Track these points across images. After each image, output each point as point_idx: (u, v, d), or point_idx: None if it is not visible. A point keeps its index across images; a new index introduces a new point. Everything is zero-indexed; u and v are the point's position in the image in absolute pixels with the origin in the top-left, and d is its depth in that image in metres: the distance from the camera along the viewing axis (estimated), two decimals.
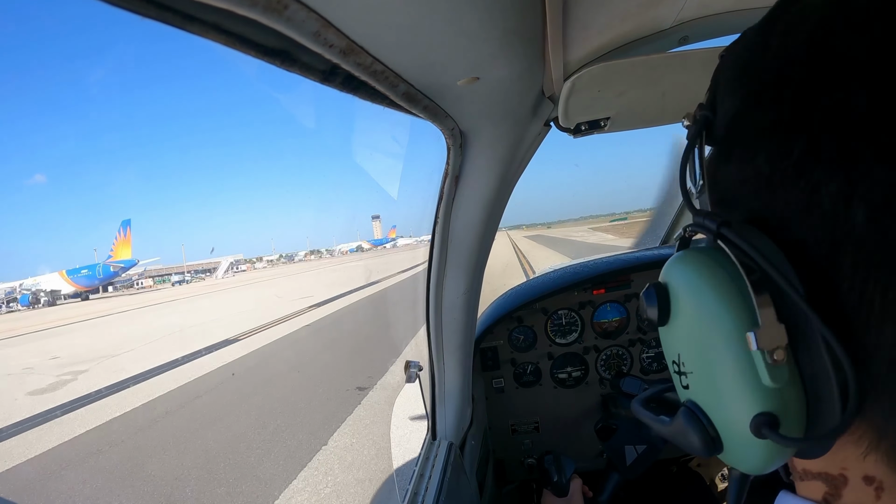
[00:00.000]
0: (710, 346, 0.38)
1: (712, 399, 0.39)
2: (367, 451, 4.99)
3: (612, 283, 1.93)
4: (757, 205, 0.37)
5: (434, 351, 1.38)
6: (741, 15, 0.79)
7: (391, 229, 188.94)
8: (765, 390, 0.34)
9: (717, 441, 0.40)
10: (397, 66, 0.57)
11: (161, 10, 0.32)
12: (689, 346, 0.41)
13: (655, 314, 0.43)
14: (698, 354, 0.40)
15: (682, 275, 0.41)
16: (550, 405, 2.00)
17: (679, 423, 0.42)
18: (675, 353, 0.43)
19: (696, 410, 0.41)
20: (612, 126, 0.96)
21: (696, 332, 0.39)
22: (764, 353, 0.33)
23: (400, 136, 1.04)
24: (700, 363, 0.40)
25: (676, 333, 0.42)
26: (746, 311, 0.35)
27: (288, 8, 0.36)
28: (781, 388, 0.34)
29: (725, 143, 0.41)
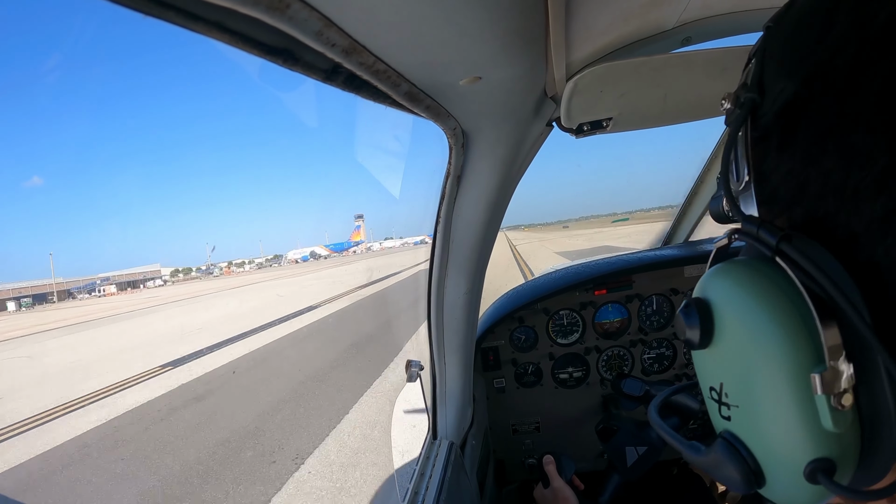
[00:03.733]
0: (763, 381, 0.33)
1: (760, 437, 0.35)
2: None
3: (613, 284, 1.93)
4: (819, 212, 0.32)
5: (435, 350, 1.38)
6: (744, 16, 0.79)
7: (355, 230, 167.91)
8: (825, 435, 0.31)
9: (759, 478, 0.36)
10: (400, 66, 0.57)
11: (164, 8, 0.32)
12: (735, 377, 0.36)
13: (697, 336, 0.37)
14: (746, 388, 0.35)
15: (731, 294, 0.35)
16: (551, 405, 2.00)
17: (716, 456, 0.38)
18: (716, 381, 0.38)
19: (736, 444, 0.37)
20: (615, 126, 0.96)
21: (745, 361, 0.34)
22: (830, 397, 0.29)
23: (402, 136, 1.04)
24: (748, 398, 0.35)
25: (719, 359, 0.37)
26: (811, 345, 0.30)
27: (290, 7, 0.37)
28: (842, 434, 0.30)
29: (779, 133, 0.35)
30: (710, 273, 0.38)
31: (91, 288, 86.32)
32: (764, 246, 0.33)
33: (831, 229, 0.31)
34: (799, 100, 0.33)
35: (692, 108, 0.97)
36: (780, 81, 0.35)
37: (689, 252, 2.00)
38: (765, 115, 0.36)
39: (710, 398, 0.40)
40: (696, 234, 2.32)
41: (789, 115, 0.34)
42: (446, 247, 1.13)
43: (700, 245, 2.15)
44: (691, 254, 1.97)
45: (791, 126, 0.34)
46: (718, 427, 0.39)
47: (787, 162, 0.34)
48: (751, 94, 0.37)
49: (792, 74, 0.34)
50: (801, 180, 0.33)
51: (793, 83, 0.34)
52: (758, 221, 0.34)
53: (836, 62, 0.31)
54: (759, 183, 0.36)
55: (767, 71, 0.37)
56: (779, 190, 0.35)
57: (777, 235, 0.32)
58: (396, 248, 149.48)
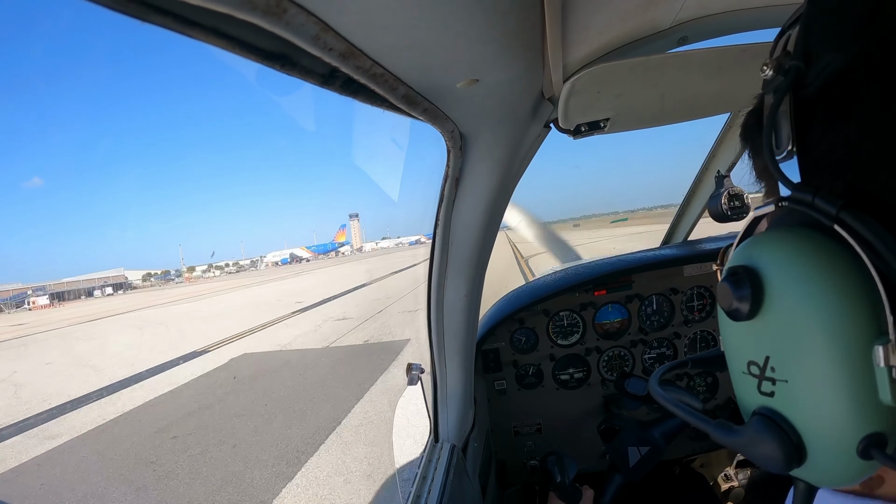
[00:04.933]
0: (820, 354, 0.32)
1: (810, 413, 0.34)
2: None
3: (613, 284, 1.93)
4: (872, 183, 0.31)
5: (436, 353, 1.38)
6: (740, 15, 0.79)
7: (339, 230, 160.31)
8: (882, 409, 0.30)
9: (801, 454, 0.35)
10: (397, 69, 0.57)
11: (161, 14, 0.32)
12: (786, 350, 0.34)
13: (746, 306, 0.35)
14: (799, 361, 0.33)
15: (784, 262, 0.34)
16: (552, 407, 1.99)
17: (753, 434, 0.37)
18: (759, 354, 0.36)
19: (778, 420, 0.35)
20: (612, 127, 0.96)
21: (799, 333, 0.33)
22: (891, 370, 0.29)
23: (400, 139, 1.04)
24: (799, 371, 0.33)
25: (767, 331, 0.35)
26: (874, 317, 0.30)
27: (287, 12, 0.37)
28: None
29: (828, 103, 0.34)
30: (755, 241, 0.37)
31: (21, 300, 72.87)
32: (822, 214, 0.32)
33: (885, 202, 0.30)
34: (852, 71, 0.32)
35: (689, 108, 0.97)
36: (828, 52, 0.34)
37: (688, 251, 2.00)
38: (811, 85, 0.35)
39: (746, 373, 0.38)
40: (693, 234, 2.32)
41: (840, 85, 0.33)
42: (445, 249, 1.13)
43: (699, 244, 2.15)
44: (690, 253, 1.97)
45: (842, 97, 0.33)
46: (752, 404, 0.38)
47: (837, 132, 0.33)
48: (796, 62, 0.35)
49: (842, 46, 0.33)
50: (853, 151, 0.32)
51: (843, 54, 0.33)
52: (812, 189, 0.33)
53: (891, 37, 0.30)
54: (803, 152, 0.35)
55: (812, 41, 0.35)
56: (825, 159, 0.34)
57: (837, 204, 0.31)
58: (391, 248, 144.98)
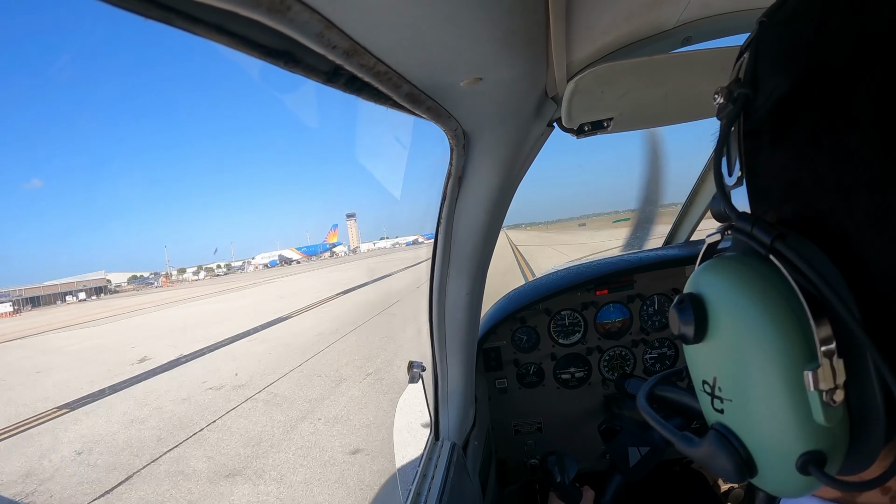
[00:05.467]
0: (756, 376, 0.33)
1: (753, 430, 0.36)
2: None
3: (615, 284, 1.93)
4: (810, 209, 0.32)
5: (437, 351, 1.38)
6: (744, 15, 0.79)
7: (331, 230, 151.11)
8: (816, 429, 0.31)
9: (751, 468, 0.37)
10: (400, 67, 0.57)
11: (164, 11, 0.32)
12: (729, 371, 0.36)
13: (691, 331, 0.37)
14: (740, 382, 0.35)
15: (725, 290, 0.35)
16: (553, 406, 1.99)
17: (709, 447, 0.39)
18: (709, 374, 0.39)
19: (728, 435, 0.37)
20: (616, 126, 0.96)
21: (739, 356, 0.35)
22: (822, 393, 0.30)
23: (403, 137, 1.04)
24: (741, 392, 0.35)
25: (712, 354, 0.37)
26: (804, 343, 0.31)
27: (291, 9, 0.37)
28: (835, 425, 0.31)
29: (771, 130, 0.35)
30: (703, 268, 0.38)
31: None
32: (758, 244, 0.33)
33: (823, 228, 0.31)
34: (793, 96, 0.33)
35: (693, 108, 0.97)
36: (774, 77, 0.35)
37: (690, 252, 2.00)
38: (757, 111, 0.36)
39: (702, 391, 0.41)
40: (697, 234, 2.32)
41: (783, 111, 0.34)
42: (448, 248, 1.13)
43: (701, 245, 2.14)
44: (693, 253, 1.97)
45: (784, 123, 0.34)
46: (710, 419, 0.40)
47: (780, 158, 0.34)
48: (744, 90, 0.36)
49: (786, 70, 0.34)
50: (793, 177, 0.33)
51: (787, 79, 0.34)
52: (752, 219, 0.34)
53: (831, 60, 0.31)
54: (750, 178, 0.37)
55: (761, 66, 0.36)
56: (771, 186, 0.35)
57: (772, 234, 0.32)
58: (387, 248, 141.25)
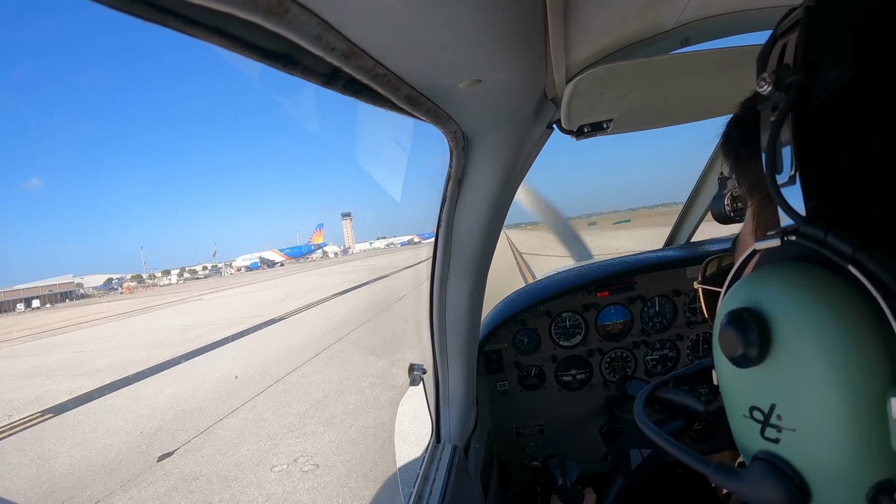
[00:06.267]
0: (831, 403, 0.30)
1: (818, 460, 0.32)
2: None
3: (615, 286, 1.93)
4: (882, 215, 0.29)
5: (438, 354, 1.38)
6: (743, 16, 0.79)
7: (316, 231, 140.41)
8: (892, 456, 0.29)
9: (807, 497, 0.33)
10: (399, 70, 0.57)
11: (163, 14, 0.33)
12: (794, 398, 0.32)
13: (755, 352, 0.32)
14: (810, 409, 0.31)
15: (796, 305, 0.31)
16: (555, 408, 1.99)
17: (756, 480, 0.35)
18: (765, 401, 0.34)
19: (782, 466, 0.33)
20: (615, 128, 0.96)
21: (811, 381, 0.30)
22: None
23: (402, 139, 1.04)
24: (809, 420, 0.31)
25: (772, 378, 0.33)
26: (890, 366, 0.28)
27: (289, 11, 0.37)
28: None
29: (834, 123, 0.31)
30: (761, 279, 0.34)
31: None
32: (834, 253, 0.30)
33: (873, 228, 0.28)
34: (862, 87, 0.30)
35: (692, 109, 0.97)
36: (835, 65, 0.31)
37: (691, 253, 2.00)
38: (813, 101, 0.32)
39: (748, 418, 0.36)
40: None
41: (848, 103, 0.30)
42: (448, 250, 1.13)
43: (702, 246, 2.14)
44: (693, 255, 1.96)
45: (851, 115, 0.30)
46: (753, 447, 0.36)
47: (845, 155, 0.30)
48: (798, 78, 0.32)
49: (852, 59, 0.30)
50: (863, 178, 0.30)
51: (851, 67, 0.30)
52: (825, 225, 0.30)
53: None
54: (806, 176, 0.32)
55: (816, 52, 0.32)
56: (833, 186, 0.31)
57: (853, 244, 0.29)
58: (381, 248, 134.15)
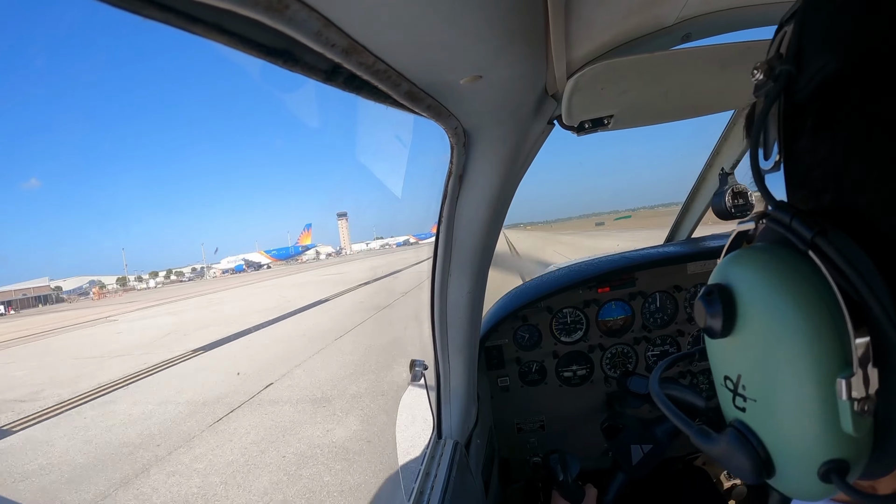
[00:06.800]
0: (786, 378, 0.32)
1: (776, 432, 0.34)
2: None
3: (616, 282, 1.93)
4: (855, 205, 0.30)
5: (439, 350, 1.38)
6: (744, 11, 0.79)
7: (304, 231, 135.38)
8: (843, 437, 0.30)
9: (769, 469, 0.35)
10: (400, 66, 0.57)
11: (162, 10, 0.33)
12: (755, 370, 0.34)
13: (719, 324, 0.35)
14: (766, 382, 0.34)
15: (758, 284, 0.33)
16: (556, 404, 1.99)
17: (727, 445, 0.38)
18: (732, 371, 0.37)
19: (747, 434, 0.36)
20: (616, 124, 0.96)
21: (768, 355, 0.33)
22: (853, 402, 0.29)
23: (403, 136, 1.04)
24: (767, 392, 0.34)
25: (738, 350, 0.36)
26: (841, 348, 0.29)
27: (289, 7, 0.37)
28: (863, 435, 0.30)
29: (817, 112, 0.32)
30: (733, 259, 0.36)
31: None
32: (797, 237, 0.31)
33: (867, 225, 0.29)
34: (842, 78, 0.30)
35: (693, 105, 0.96)
36: (823, 56, 0.32)
37: (691, 249, 2.00)
38: (800, 91, 0.33)
39: (723, 386, 0.39)
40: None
41: (830, 93, 0.31)
42: (449, 246, 1.13)
43: (703, 242, 2.14)
44: (694, 250, 1.96)
45: (831, 106, 0.31)
46: (729, 415, 0.38)
47: (825, 145, 0.31)
48: (787, 67, 0.33)
49: (837, 49, 0.31)
50: (838, 167, 0.31)
51: (837, 59, 0.31)
52: (792, 210, 0.32)
53: (887, 44, 0.28)
54: (789, 163, 0.34)
55: (807, 42, 0.33)
56: (811, 173, 0.33)
57: (814, 228, 0.30)
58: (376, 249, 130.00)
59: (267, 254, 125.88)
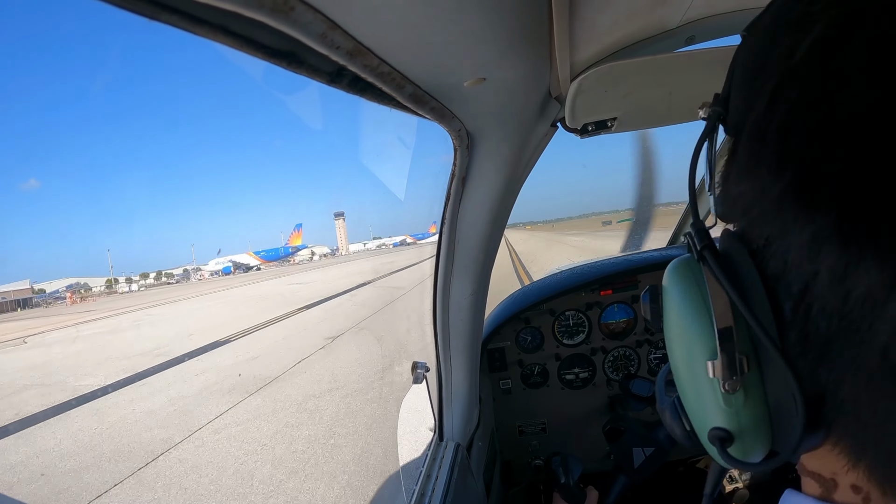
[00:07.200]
0: (685, 357, 0.40)
1: (686, 402, 0.43)
2: None
3: (619, 284, 1.93)
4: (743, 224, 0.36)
5: (441, 352, 1.38)
6: (748, 14, 0.78)
7: (294, 231, 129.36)
8: (721, 409, 0.37)
9: (693, 437, 0.44)
10: (404, 68, 0.57)
11: (169, 12, 0.33)
12: (672, 351, 0.43)
13: (650, 316, 0.47)
14: (677, 360, 0.42)
15: (670, 283, 0.42)
16: (558, 406, 1.99)
17: (666, 413, 0.49)
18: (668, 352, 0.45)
19: (679, 408, 0.46)
20: (620, 126, 0.96)
21: (676, 340, 0.41)
22: (718, 381, 0.36)
23: (406, 137, 1.04)
24: (678, 368, 0.42)
25: (666, 335, 0.44)
26: (712, 338, 0.36)
27: (294, 10, 0.37)
28: (736, 410, 0.36)
29: (730, 146, 0.37)
30: (670, 264, 0.43)
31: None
32: (695, 250, 0.38)
33: (749, 241, 0.35)
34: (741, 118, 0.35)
35: (696, 108, 0.96)
36: (738, 96, 0.37)
37: None
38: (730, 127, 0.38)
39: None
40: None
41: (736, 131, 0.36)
42: (452, 248, 1.13)
43: None
44: None
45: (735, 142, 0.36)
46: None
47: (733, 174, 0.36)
48: (717, 108, 0.39)
49: (742, 88, 0.36)
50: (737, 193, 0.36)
51: (744, 98, 0.36)
52: (698, 226, 0.39)
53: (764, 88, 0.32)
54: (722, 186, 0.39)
55: (734, 83, 0.38)
56: (727, 198, 0.38)
57: (703, 242, 0.37)
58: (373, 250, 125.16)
59: (256, 255, 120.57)
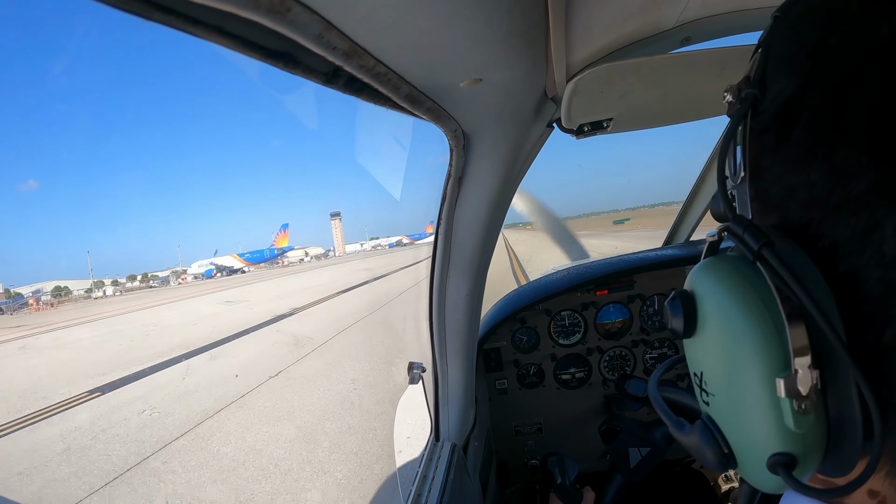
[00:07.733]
0: (736, 377, 0.35)
1: (733, 425, 0.37)
2: None
3: (615, 284, 1.93)
4: (804, 218, 0.32)
5: (437, 352, 1.38)
6: (743, 15, 0.79)
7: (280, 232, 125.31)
8: (787, 432, 0.32)
9: (731, 460, 0.38)
10: (400, 68, 0.57)
11: (164, 12, 0.32)
12: (714, 368, 0.38)
13: (680, 326, 0.39)
14: (722, 380, 0.37)
15: (713, 290, 0.36)
16: (554, 406, 1.99)
17: (696, 437, 0.41)
18: (698, 368, 0.40)
19: (712, 428, 0.39)
20: (615, 127, 0.96)
21: (722, 355, 0.36)
22: (791, 401, 0.31)
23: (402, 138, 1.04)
24: (723, 389, 0.37)
25: (701, 350, 0.39)
26: (780, 350, 0.31)
27: (291, 10, 0.37)
28: (805, 433, 0.32)
29: (775, 133, 0.34)
30: (699, 267, 0.39)
31: None
32: (747, 249, 0.33)
33: (814, 237, 0.31)
34: (795, 100, 0.33)
35: (692, 108, 0.97)
36: (782, 78, 0.34)
37: (690, 252, 2.00)
38: (765, 112, 0.35)
39: (695, 382, 0.41)
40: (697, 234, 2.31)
41: (787, 114, 0.33)
42: (448, 248, 1.13)
43: (701, 245, 2.14)
44: (693, 253, 1.97)
45: (787, 127, 0.33)
46: (702, 410, 0.41)
47: (781, 163, 0.34)
48: (752, 90, 0.36)
49: (792, 72, 0.33)
50: (791, 183, 0.33)
51: (792, 81, 0.33)
52: (746, 223, 0.34)
53: (833, 68, 0.30)
54: (753, 180, 0.36)
55: (771, 65, 0.35)
56: (771, 190, 0.35)
57: (760, 241, 0.32)
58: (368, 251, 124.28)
59: (240, 257, 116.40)
